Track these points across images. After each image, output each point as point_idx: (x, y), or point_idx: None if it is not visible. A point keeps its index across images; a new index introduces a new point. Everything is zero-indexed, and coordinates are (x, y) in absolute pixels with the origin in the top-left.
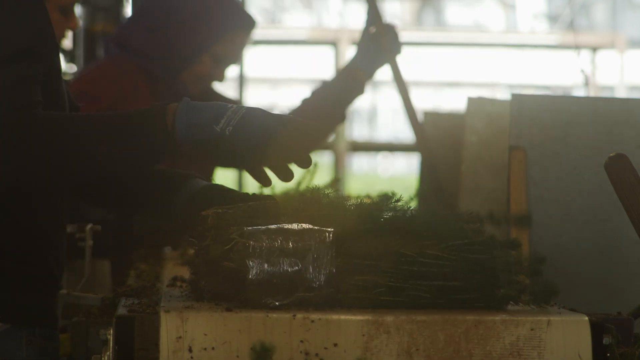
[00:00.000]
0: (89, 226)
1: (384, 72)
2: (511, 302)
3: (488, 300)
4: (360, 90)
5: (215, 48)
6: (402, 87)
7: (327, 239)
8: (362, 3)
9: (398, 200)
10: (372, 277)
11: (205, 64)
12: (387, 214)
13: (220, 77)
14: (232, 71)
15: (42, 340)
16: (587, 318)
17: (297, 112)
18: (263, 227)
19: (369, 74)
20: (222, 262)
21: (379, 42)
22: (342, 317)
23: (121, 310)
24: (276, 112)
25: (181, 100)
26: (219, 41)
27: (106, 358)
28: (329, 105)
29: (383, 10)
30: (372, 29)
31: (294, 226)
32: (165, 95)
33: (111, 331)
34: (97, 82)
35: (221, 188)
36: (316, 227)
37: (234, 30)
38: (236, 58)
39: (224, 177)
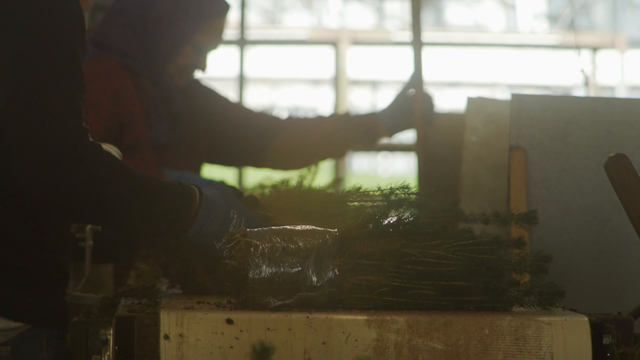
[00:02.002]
0: (89, 226)
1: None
2: (516, 303)
3: (493, 302)
4: (372, 142)
5: (195, 38)
6: (422, 156)
7: (330, 239)
8: (407, 55)
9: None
10: (376, 277)
11: (187, 55)
12: (391, 216)
13: (203, 66)
14: (232, 71)
15: (59, 341)
16: (587, 318)
17: (307, 123)
18: (266, 228)
19: (389, 133)
20: (225, 261)
21: (412, 106)
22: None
23: (121, 310)
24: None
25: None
26: (198, 31)
27: (106, 358)
28: (336, 137)
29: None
30: (411, 92)
31: (297, 226)
32: (150, 90)
33: (111, 331)
34: (90, 89)
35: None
36: (319, 228)
37: (211, 17)
38: (217, 44)
39: (225, 178)
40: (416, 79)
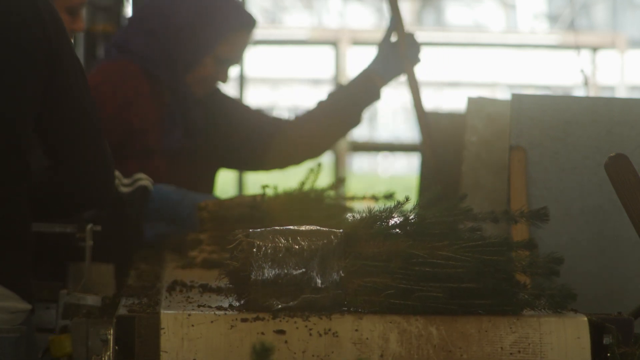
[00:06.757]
0: (89, 226)
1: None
2: (527, 307)
3: (503, 305)
4: (376, 95)
5: (217, 50)
6: (417, 96)
7: (335, 240)
8: (379, 6)
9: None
10: (382, 279)
11: (208, 66)
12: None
13: (224, 78)
14: (232, 71)
15: None
16: (587, 318)
17: (312, 114)
18: (269, 228)
19: (385, 80)
20: (227, 262)
21: (398, 50)
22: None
23: (121, 310)
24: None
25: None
26: (221, 43)
27: (106, 358)
28: (344, 108)
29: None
30: (393, 36)
31: (301, 227)
32: (167, 97)
33: (111, 331)
34: (100, 89)
35: None
36: (324, 228)
37: (234, 31)
38: (238, 58)
39: (225, 178)
40: (395, 23)
